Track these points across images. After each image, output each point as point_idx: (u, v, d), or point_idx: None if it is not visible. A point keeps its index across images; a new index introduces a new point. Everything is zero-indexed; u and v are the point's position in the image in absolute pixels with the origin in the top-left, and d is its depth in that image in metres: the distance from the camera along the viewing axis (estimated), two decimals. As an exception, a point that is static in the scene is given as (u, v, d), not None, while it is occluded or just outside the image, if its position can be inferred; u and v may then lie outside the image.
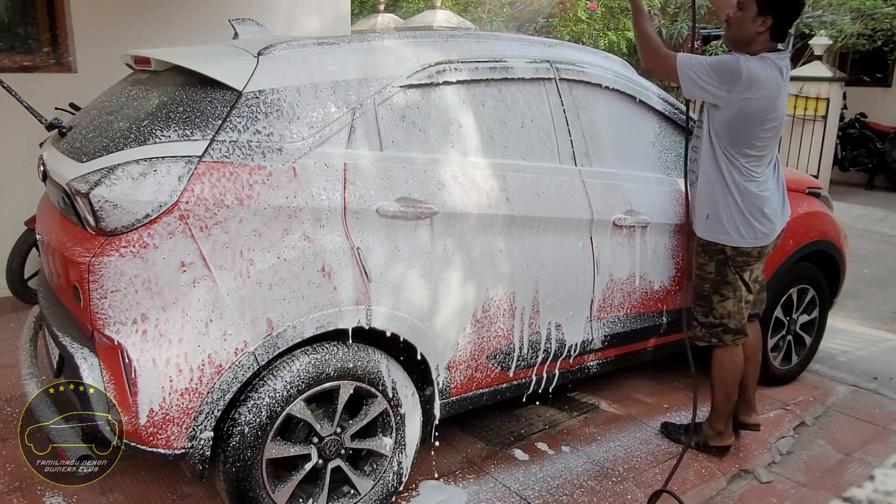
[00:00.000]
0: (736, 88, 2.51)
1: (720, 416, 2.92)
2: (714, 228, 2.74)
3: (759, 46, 2.60)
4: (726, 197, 2.68)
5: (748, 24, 2.57)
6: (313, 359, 2.20)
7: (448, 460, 2.86)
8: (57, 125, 2.45)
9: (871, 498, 2.80)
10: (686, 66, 2.56)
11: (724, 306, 2.79)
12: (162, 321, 1.98)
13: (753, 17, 2.56)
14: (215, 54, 2.36)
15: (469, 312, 2.52)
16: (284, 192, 2.11)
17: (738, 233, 2.68)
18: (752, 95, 2.52)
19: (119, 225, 1.94)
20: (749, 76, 2.51)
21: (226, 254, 2.03)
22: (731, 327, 2.81)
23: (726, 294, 2.78)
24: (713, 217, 2.73)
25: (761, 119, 2.57)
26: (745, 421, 3.03)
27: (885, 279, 6.00)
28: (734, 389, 2.89)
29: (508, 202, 2.56)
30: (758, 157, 2.64)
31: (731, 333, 2.82)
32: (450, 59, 2.52)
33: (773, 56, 2.58)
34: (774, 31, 2.59)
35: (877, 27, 9.73)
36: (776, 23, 2.56)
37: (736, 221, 2.68)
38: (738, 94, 2.52)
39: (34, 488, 2.53)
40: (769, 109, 2.57)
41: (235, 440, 2.10)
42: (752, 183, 2.65)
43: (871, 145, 10.32)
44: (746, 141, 2.60)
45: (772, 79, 2.55)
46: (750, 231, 2.68)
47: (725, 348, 2.85)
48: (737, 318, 2.81)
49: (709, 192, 2.74)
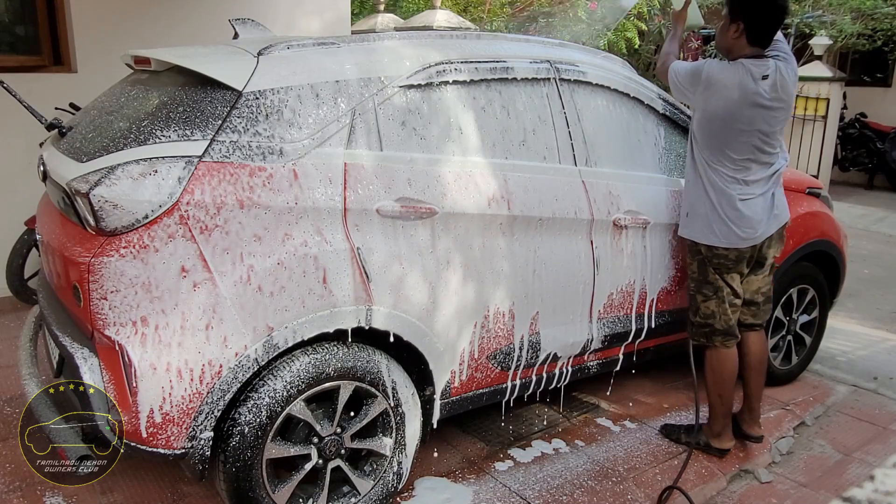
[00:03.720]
0: (698, 90, 2.65)
1: (716, 418, 2.93)
2: (691, 226, 2.80)
3: (739, 53, 2.63)
4: (702, 197, 2.73)
5: (724, 32, 2.67)
6: (313, 359, 2.20)
7: (448, 460, 2.86)
8: (57, 125, 2.45)
9: (871, 498, 2.80)
10: (673, 71, 2.77)
11: (707, 306, 2.82)
12: (162, 321, 1.98)
13: (728, 25, 2.63)
14: (215, 54, 2.36)
15: (469, 312, 2.52)
16: (285, 192, 2.11)
17: (713, 232, 2.71)
18: (710, 96, 2.61)
19: (119, 225, 1.94)
20: (707, 78, 2.61)
21: (226, 254, 2.03)
22: (718, 328, 2.82)
23: (707, 294, 2.81)
24: (692, 216, 2.79)
25: (724, 121, 2.60)
26: (747, 431, 3.01)
27: (885, 279, 5.99)
28: (727, 391, 2.88)
29: (508, 202, 2.56)
30: (737, 162, 2.65)
31: (719, 335, 2.83)
32: (450, 60, 2.52)
33: (749, 62, 2.59)
34: (750, 37, 2.60)
35: (877, 27, 9.73)
36: (749, 28, 2.58)
37: (710, 221, 2.71)
38: (699, 95, 2.65)
39: (34, 488, 2.53)
40: (732, 113, 2.58)
41: (235, 440, 2.10)
42: (730, 186, 2.67)
43: (871, 145, 10.32)
44: (718, 144, 2.64)
45: (734, 82, 2.56)
46: (725, 231, 2.69)
47: (715, 349, 2.87)
48: (722, 320, 2.81)
49: (688, 191, 2.82)
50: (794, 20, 10.07)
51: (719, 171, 2.67)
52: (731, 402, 2.92)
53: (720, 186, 2.68)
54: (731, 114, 2.58)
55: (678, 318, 3.23)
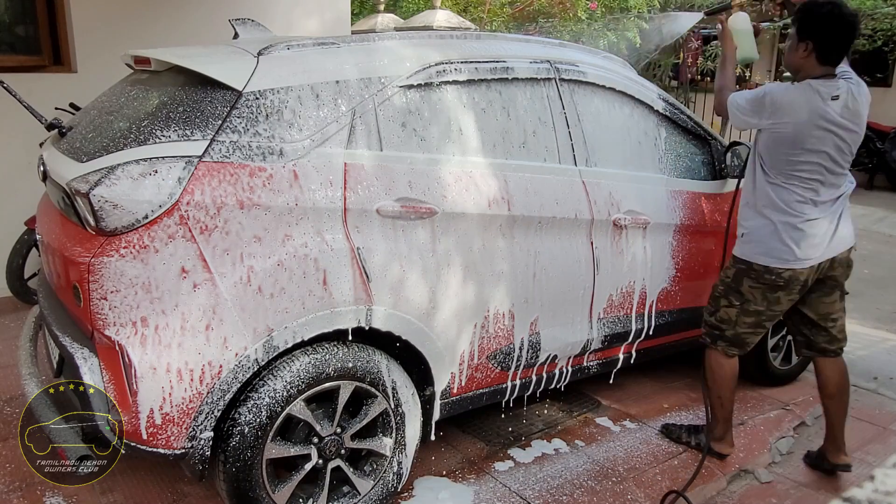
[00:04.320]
0: (763, 116, 2.60)
1: (718, 421, 2.91)
2: (747, 247, 2.71)
3: (809, 72, 2.57)
4: (763, 218, 2.65)
5: (793, 51, 2.60)
6: (313, 359, 2.20)
7: (448, 460, 2.86)
8: (57, 125, 2.45)
9: (871, 498, 2.80)
10: (731, 104, 2.74)
11: (728, 313, 2.78)
12: (162, 322, 1.98)
13: (796, 44, 2.57)
14: (215, 54, 2.36)
15: (469, 313, 2.52)
16: (285, 192, 2.11)
17: (770, 252, 2.63)
18: (778, 120, 2.55)
19: (119, 225, 1.94)
20: (772, 102, 2.56)
21: (226, 255, 2.03)
22: (727, 335, 2.80)
23: (733, 301, 2.76)
24: (749, 236, 2.71)
25: (793, 144, 2.54)
26: (833, 462, 2.89)
27: (885, 279, 5.99)
28: (727, 393, 2.86)
29: (508, 203, 2.55)
30: (805, 182, 2.58)
31: (724, 341, 2.81)
32: (450, 60, 2.52)
33: (817, 82, 2.53)
34: (820, 56, 2.53)
35: (877, 27, 9.73)
36: (819, 47, 2.52)
37: (770, 241, 2.63)
38: (767, 121, 2.59)
39: (34, 488, 2.53)
40: (801, 134, 2.52)
41: (235, 440, 2.10)
42: (795, 207, 2.60)
43: (871, 145, 10.31)
44: (787, 166, 2.58)
45: (801, 104, 2.51)
46: (783, 251, 2.61)
47: (715, 352, 2.85)
48: (735, 329, 2.78)
49: (747, 213, 2.74)
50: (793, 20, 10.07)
51: (786, 193, 2.60)
52: (731, 406, 2.90)
53: (784, 208, 2.61)
54: (800, 135, 2.53)
55: (678, 318, 3.24)
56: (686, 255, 3.17)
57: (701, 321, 2.95)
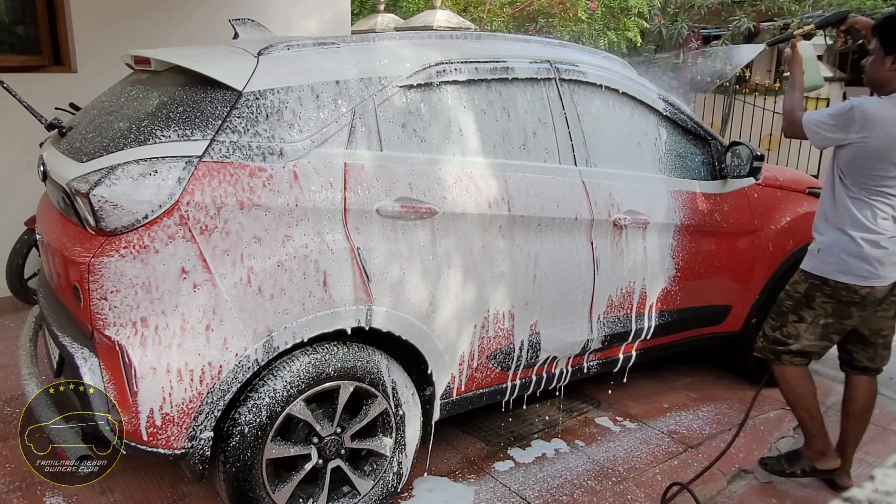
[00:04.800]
0: (851, 130, 2.52)
1: (813, 436, 2.80)
2: (822, 262, 2.65)
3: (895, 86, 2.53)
4: (842, 234, 2.60)
5: (879, 67, 2.55)
6: (313, 359, 2.20)
7: (448, 460, 2.86)
8: (57, 125, 2.45)
9: (871, 498, 2.80)
10: (809, 123, 2.64)
11: (797, 328, 2.71)
12: (162, 322, 1.98)
13: (882, 58, 2.53)
14: (215, 54, 2.36)
15: (469, 313, 2.52)
16: (285, 193, 2.11)
17: (849, 269, 2.57)
18: (868, 134, 2.49)
19: (119, 225, 1.94)
20: (863, 116, 2.49)
21: (226, 255, 2.03)
22: (794, 349, 2.72)
23: (804, 317, 2.69)
24: (826, 252, 2.64)
25: (882, 158, 2.49)
26: (835, 480, 2.85)
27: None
28: (812, 403, 2.76)
29: (508, 203, 2.55)
30: (888, 199, 2.54)
31: (790, 354, 2.73)
32: (450, 60, 2.52)
33: None
34: None
35: (877, 27, 9.71)
36: None
37: (848, 258, 2.57)
38: (856, 135, 2.52)
39: (34, 488, 2.53)
40: (893, 148, 2.48)
41: (235, 440, 2.10)
42: (879, 224, 2.55)
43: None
44: (874, 181, 2.53)
45: (894, 117, 2.47)
46: (863, 268, 2.55)
47: (784, 366, 2.76)
48: (801, 343, 2.70)
49: (823, 227, 2.67)
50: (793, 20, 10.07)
51: (868, 209, 2.55)
52: (820, 415, 2.79)
53: (866, 224, 2.55)
54: (892, 149, 2.48)
55: (678, 319, 3.24)
56: (686, 255, 3.17)
57: (701, 321, 2.94)
